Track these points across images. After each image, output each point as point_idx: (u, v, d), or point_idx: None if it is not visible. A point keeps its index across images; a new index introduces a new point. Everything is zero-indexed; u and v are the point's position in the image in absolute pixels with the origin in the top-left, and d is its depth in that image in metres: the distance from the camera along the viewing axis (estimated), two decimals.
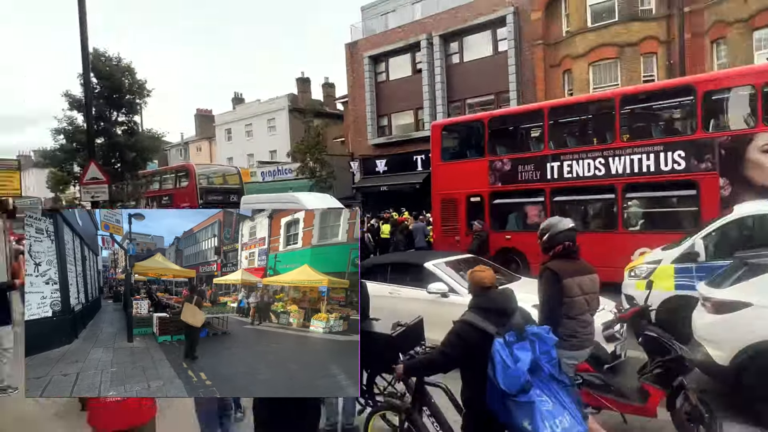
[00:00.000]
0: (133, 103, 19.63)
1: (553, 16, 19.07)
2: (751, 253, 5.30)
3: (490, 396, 2.85)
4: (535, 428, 2.71)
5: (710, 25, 15.51)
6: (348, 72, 26.29)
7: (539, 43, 19.16)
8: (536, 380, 2.87)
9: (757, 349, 4.48)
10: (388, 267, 7.51)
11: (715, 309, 4.86)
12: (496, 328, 2.92)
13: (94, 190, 11.80)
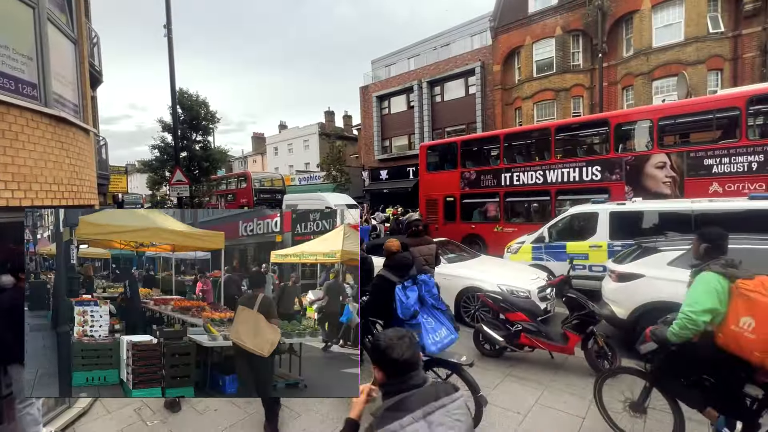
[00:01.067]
0: (207, 127, 19.58)
1: (509, 68, 18.89)
2: (645, 239, 5.27)
3: (395, 321, 3.21)
4: (421, 339, 3.10)
5: (621, 76, 15.35)
6: (361, 107, 26.13)
7: (498, 88, 19.00)
8: (424, 309, 3.34)
9: (647, 307, 4.51)
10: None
11: (618, 278, 4.87)
12: (399, 278, 3.33)
13: (179, 189, 11.81)
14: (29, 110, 3.58)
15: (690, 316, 2.46)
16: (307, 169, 33.69)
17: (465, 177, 11.79)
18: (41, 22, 3.87)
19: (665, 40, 13.99)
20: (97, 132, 5.52)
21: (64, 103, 4.36)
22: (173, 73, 11.60)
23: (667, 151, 8.36)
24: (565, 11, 16.43)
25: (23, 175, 3.45)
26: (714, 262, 2.57)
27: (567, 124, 11.13)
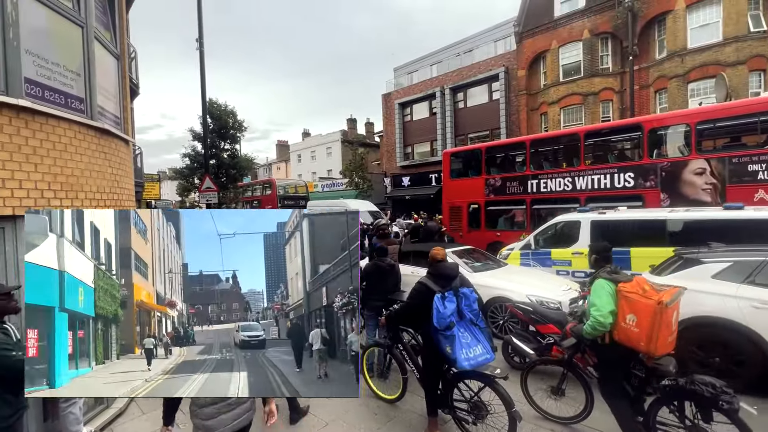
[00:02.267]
0: (235, 136, 20.21)
1: (534, 73, 18.59)
2: (686, 250, 5.02)
3: (432, 331, 3.16)
4: (454, 352, 3.05)
5: (654, 79, 14.81)
6: (383, 114, 26.31)
7: (523, 93, 18.72)
8: (461, 322, 3.21)
9: (689, 323, 4.26)
10: (411, 254, 7.47)
11: None
12: (440, 288, 3.24)
13: (208, 196, 12.21)
14: (77, 123, 3.80)
15: (599, 320, 2.93)
16: (330, 176, 34.13)
17: (490, 184, 11.61)
18: (89, 40, 4.12)
19: (701, 40, 13.42)
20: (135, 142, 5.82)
21: (107, 115, 4.61)
22: (204, 85, 12.08)
23: (707, 157, 7.96)
24: (592, 14, 16.06)
25: (71, 185, 3.65)
26: (602, 270, 3.13)
27: (597, 130, 10.80)
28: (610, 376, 3.11)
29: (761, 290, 3.97)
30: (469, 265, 6.59)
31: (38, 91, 3.43)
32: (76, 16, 3.98)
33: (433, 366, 3.39)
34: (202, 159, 16.73)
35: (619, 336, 2.93)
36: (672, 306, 2.82)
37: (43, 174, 3.37)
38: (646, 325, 2.77)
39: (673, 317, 2.87)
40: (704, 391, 2.64)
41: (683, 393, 2.78)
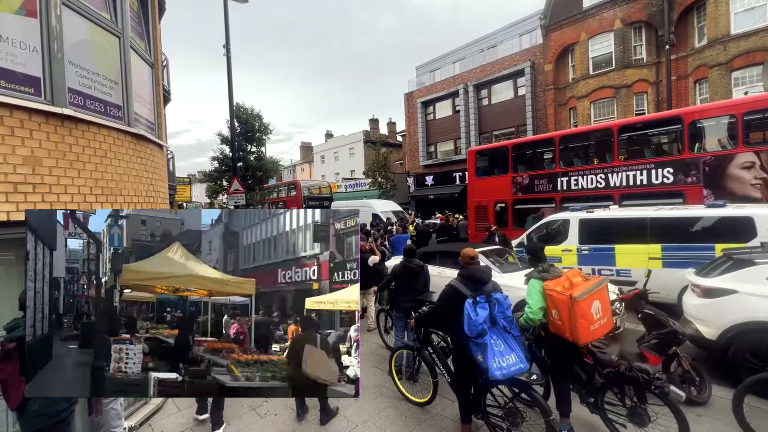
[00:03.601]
0: (261, 139, 20.70)
1: (562, 66, 18.00)
2: (737, 250, 4.69)
3: (463, 337, 3.04)
4: (486, 360, 2.91)
5: (693, 68, 14.00)
6: (406, 113, 26.20)
7: (551, 88, 18.17)
8: (494, 330, 3.04)
9: (741, 328, 3.97)
10: (437, 254, 7.37)
11: (704, 294, 4.35)
12: (471, 292, 3.10)
13: (236, 197, 12.52)
14: (115, 129, 3.95)
15: (529, 315, 3.29)
16: (353, 176, 34.33)
17: (517, 182, 11.32)
18: (125, 49, 4.28)
19: (746, 25, 12.56)
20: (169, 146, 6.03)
21: (142, 121, 4.78)
22: (231, 89, 12.38)
23: (756, 150, 7.43)
24: (624, 3, 15.36)
25: (110, 189, 3.80)
26: (535, 270, 3.45)
27: (632, 124, 10.29)
28: (556, 363, 3.42)
29: None
30: (498, 265, 6.43)
31: (80, 100, 3.59)
32: (114, 27, 4.15)
33: (464, 371, 3.28)
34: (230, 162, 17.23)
35: (554, 328, 3.26)
36: (584, 298, 3.04)
37: (86, 179, 3.52)
38: (565, 317, 3.09)
39: (592, 308, 3.09)
40: (639, 377, 2.97)
41: (623, 378, 3.09)
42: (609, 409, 3.25)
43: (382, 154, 26.17)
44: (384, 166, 25.61)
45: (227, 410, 4.07)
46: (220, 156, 20.13)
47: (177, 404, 4.24)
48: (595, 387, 3.28)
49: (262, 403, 4.16)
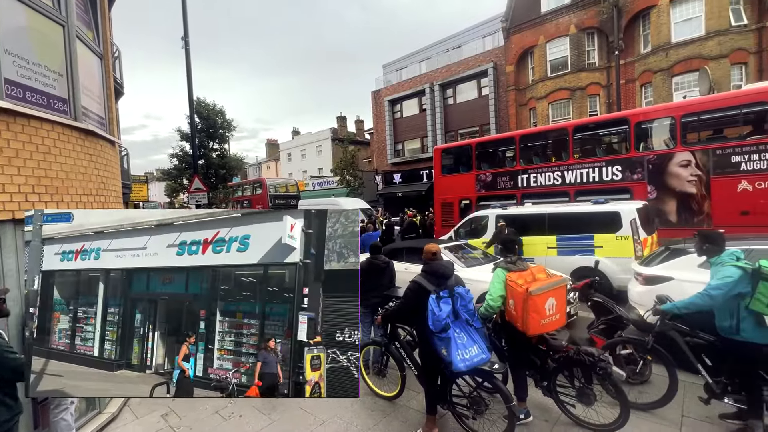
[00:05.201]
0: (224, 135, 20.01)
1: (522, 68, 18.70)
2: (674, 240, 5.13)
3: (427, 332, 3.11)
4: (450, 354, 3.01)
5: (639, 73, 15.02)
6: (373, 111, 26.23)
7: (512, 88, 18.82)
8: (457, 323, 3.15)
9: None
10: (403, 250, 7.49)
11: (645, 281, 4.73)
12: (435, 287, 3.18)
13: (197, 196, 12.05)
14: (60, 124, 3.71)
15: (489, 303, 3.46)
16: (321, 174, 33.96)
17: (481, 179, 11.69)
18: (71, 39, 4.01)
19: (685, 34, 13.63)
20: (121, 143, 5.72)
21: (91, 116, 4.50)
22: (191, 83, 11.89)
23: (692, 149, 8.12)
24: (578, 9, 16.20)
25: (56, 187, 3.57)
26: (503, 260, 3.68)
27: (585, 124, 10.92)
28: (513, 351, 3.62)
29: None
30: (462, 260, 6.65)
31: (19, 92, 3.34)
32: (56, 14, 3.88)
33: (431, 364, 3.37)
34: (190, 159, 16.53)
35: (509, 317, 3.45)
36: (539, 294, 3.21)
37: (27, 177, 3.28)
38: (519, 308, 3.28)
39: (546, 304, 3.26)
40: (586, 360, 3.18)
41: (572, 362, 3.31)
42: (560, 391, 3.49)
43: (350, 152, 26.07)
44: (352, 164, 25.53)
45: (191, 414, 3.96)
46: (180, 153, 19.26)
47: (134, 412, 4.06)
48: (547, 371, 3.50)
49: (226, 405, 4.07)
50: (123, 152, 14.13)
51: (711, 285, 3.17)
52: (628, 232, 6.80)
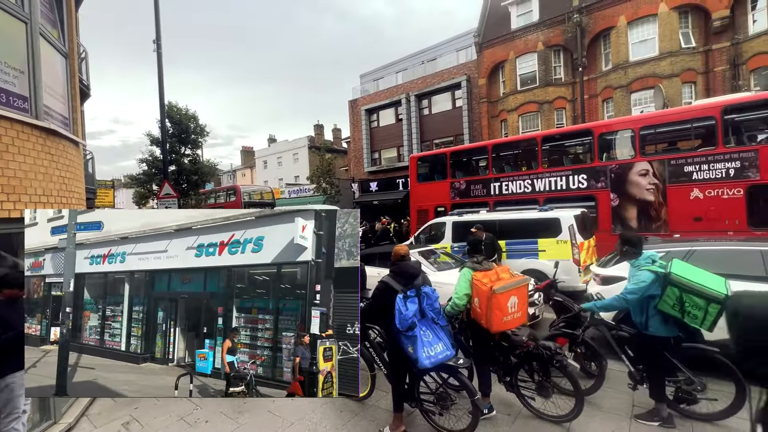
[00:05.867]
0: (197, 141, 19.49)
1: (494, 81, 19.37)
2: None
3: (394, 331, 3.16)
4: (416, 352, 3.06)
5: (601, 89, 15.89)
6: (350, 120, 26.38)
7: (484, 101, 19.43)
8: (423, 321, 3.23)
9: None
10: (377, 255, 7.53)
11: (602, 281, 4.98)
12: (402, 287, 3.24)
13: (167, 202, 11.69)
14: (19, 122, 3.57)
15: (455, 301, 3.59)
16: (297, 182, 33.66)
17: (455, 187, 11.95)
18: (33, 36, 3.89)
19: (641, 54, 14.59)
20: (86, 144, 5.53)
21: (54, 115, 4.35)
22: (162, 86, 11.60)
23: (649, 159, 8.65)
24: (545, 27, 17.03)
25: (12, 187, 3.42)
26: (470, 260, 3.75)
27: (552, 134, 11.41)
28: (477, 348, 3.75)
29: None
30: (432, 264, 6.77)
31: None
32: (18, 11, 3.76)
33: (399, 363, 3.40)
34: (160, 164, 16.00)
35: (473, 315, 3.56)
36: (502, 292, 3.34)
37: None
38: (483, 306, 3.39)
39: (508, 302, 3.40)
40: (544, 353, 3.36)
41: (531, 356, 3.49)
42: (522, 385, 3.68)
43: (327, 160, 26.03)
44: (329, 171, 25.47)
45: (154, 421, 3.82)
46: (150, 158, 18.58)
47: (93, 422, 3.87)
48: (510, 367, 3.67)
49: (192, 410, 3.95)
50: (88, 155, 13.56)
51: (627, 289, 3.43)
52: (566, 237, 7.35)
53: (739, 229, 7.42)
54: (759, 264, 4.16)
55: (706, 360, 3.41)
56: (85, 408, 4.06)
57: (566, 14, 16.19)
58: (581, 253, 7.31)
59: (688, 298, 3.13)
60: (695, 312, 3.10)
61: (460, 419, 3.36)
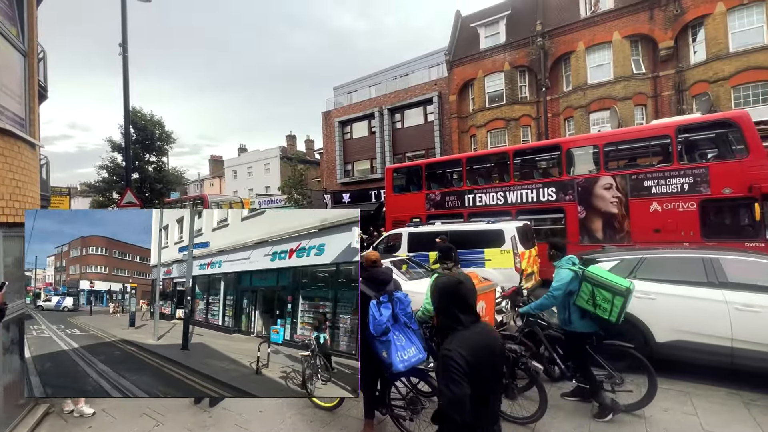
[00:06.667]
0: (162, 148, 18.50)
1: (464, 98, 19.89)
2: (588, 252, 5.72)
3: (368, 336, 3.16)
4: (389, 357, 3.05)
5: (563, 108, 16.70)
6: (323, 132, 26.10)
7: (455, 116, 19.87)
8: (396, 326, 3.23)
9: None
10: None
11: None
12: (375, 293, 3.27)
13: None
14: None
15: (426, 306, 3.74)
16: (268, 192, 32.70)
17: (430, 198, 11.97)
18: None
19: (598, 78, 15.53)
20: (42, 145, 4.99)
21: (8, 114, 3.85)
22: (127, 91, 10.86)
23: (613, 174, 9.06)
24: (512, 49, 17.78)
25: None
26: (440, 267, 3.95)
27: (523, 149, 11.76)
28: None
29: (641, 283, 4.66)
30: (404, 274, 6.73)
31: None
32: None
33: (371, 368, 3.36)
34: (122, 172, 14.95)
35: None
36: None
37: None
38: None
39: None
40: (510, 356, 3.48)
41: None
42: None
43: (299, 171, 25.51)
44: (301, 182, 24.95)
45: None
46: (111, 165, 17.37)
47: None
48: None
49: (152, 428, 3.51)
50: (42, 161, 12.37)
51: (552, 287, 3.79)
52: (509, 247, 7.68)
53: (694, 240, 7.87)
54: (701, 270, 4.50)
55: (622, 355, 3.82)
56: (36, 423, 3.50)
57: (530, 38, 16.99)
58: (522, 261, 7.66)
59: (598, 292, 3.55)
60: (604, 305, 3.50)
61: (430, 424, 3.27)
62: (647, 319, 4.63)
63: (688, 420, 3.57)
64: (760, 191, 7.27)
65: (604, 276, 3.58)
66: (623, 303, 3.43)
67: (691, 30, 14.08)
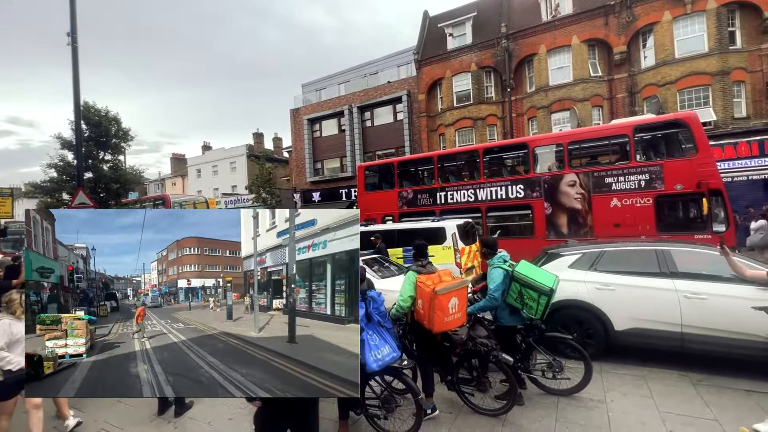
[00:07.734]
0: (118, 146, 17.12)
1: (433, 97, 19.94)
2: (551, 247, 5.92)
3: None
4: (363, 356, 2.96)
5: (527, 108, 17.14)
6: (292, 129, 25.33)
7: (424, 115, 19.88)
8: (370, 325, 3.15)
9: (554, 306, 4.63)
10: None
11: None
12: None
13: None
14: None
15: (400, 303, 3.63)
16: (235, 191, 31.37)
17: (402, 196, 11.84)
18: None
19: (559, 79, 16.05)
20: None
21: None
22: (78, 85, 9.87)
23: (576, 171, 9.32)
24: (478, 50, 18.00)
25: None
26: (415, 263, 3.79)
27: (492, 147, 11.88)
28: (420, 346, 3.77)
29: (600, 275, 4.94)
30: (377, 272, 6.66)
31: None
32: None
33: None
34: (74, 171, 13.67)
35: (417, 316, 3.60)
36: (445, 293, 3.40)
37: None
38: (426, 307, 3.43)
39: (449, 303, 3.46)
40: (481, 350, 3.53)
41: (470, 353, 3.66)
42: (462, 383, 3.82)
43: (267, 169, 24.62)
44: (269, 181, 24.08)
45: None
46: (61, 163, 15.84)
47: None
48: (451, 365, 3.79)
49: None
50: None
51: (490, 289, 3.92)
52: (450, 243, 7.97)
53: (650, 234, 8.24)
54: (654, 262, 4.76)
55: (562, 345, 4.09)
56: None
57: (496, 39, 17.27)
58: (462, 257, 7.97)
59: (525, 292, 3.69)
60: (531, 303, 3.66)
61: (404, 421, 3.33)
62: (608, 309, 4.83)
63: (645, 402, 3.74)
64: (707, 187, 7.71)
65: (531, 276, 3.71)
66: (547, 301, 3.61)
67: (642, 36, 14.85)
